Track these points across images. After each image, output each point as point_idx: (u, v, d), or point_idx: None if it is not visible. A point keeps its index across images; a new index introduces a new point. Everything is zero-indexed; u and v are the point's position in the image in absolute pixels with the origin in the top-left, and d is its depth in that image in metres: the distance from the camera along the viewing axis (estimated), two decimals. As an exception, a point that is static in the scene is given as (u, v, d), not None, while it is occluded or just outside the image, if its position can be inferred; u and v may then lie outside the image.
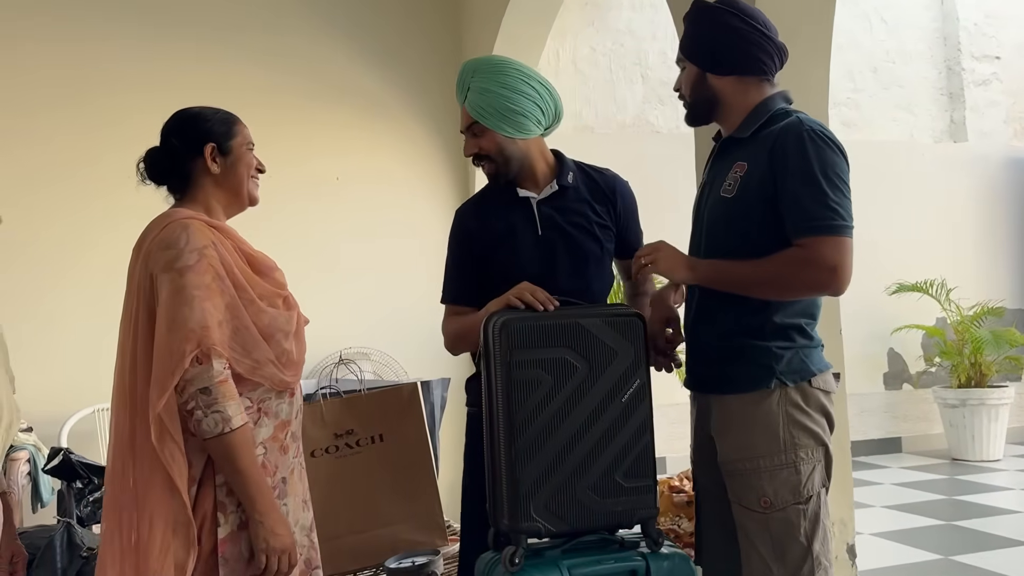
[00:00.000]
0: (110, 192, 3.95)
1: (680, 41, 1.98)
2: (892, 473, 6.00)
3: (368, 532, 2.91)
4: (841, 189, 1.76)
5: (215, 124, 1.84)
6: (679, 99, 2.00)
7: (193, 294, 1.64)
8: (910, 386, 6.99)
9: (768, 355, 1.81)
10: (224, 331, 1.67)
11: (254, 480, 1.66)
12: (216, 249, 1.71)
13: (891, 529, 4.52)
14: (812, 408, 1.82)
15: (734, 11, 1.88)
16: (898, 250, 6.68)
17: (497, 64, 2.09)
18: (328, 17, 4.74)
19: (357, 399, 3.01)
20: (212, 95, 1.96)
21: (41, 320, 4.12)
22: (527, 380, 1.74)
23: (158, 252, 1.69)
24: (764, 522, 1.79)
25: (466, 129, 2.11)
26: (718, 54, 1.88)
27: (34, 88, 4.22)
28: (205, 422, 1.62)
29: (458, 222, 2.17)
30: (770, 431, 1.80)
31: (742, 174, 1.84)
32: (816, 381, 1.83)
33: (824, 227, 1.73)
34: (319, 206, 4.56)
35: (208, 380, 1.62)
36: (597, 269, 2.12)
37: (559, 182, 2.12)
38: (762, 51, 1.87)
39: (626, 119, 6.25)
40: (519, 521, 1.72)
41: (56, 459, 3.16)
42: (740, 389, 1.84)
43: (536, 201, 2.10)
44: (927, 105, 7.31)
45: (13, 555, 1.95)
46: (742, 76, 1.88)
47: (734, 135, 1.92)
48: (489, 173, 2.12)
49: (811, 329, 1.87)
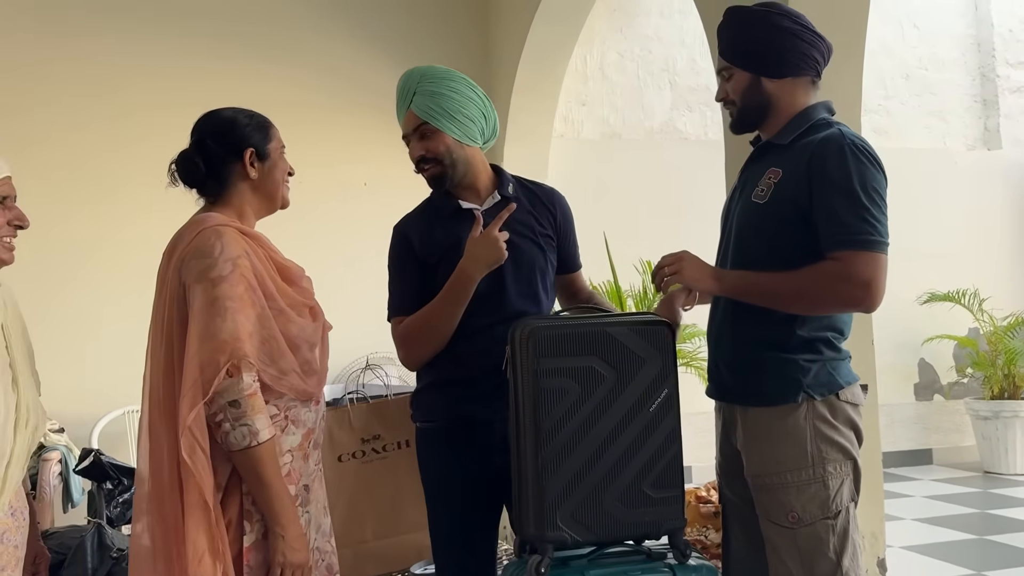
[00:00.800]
0: (143, 195, 3.99)
1: (722, 49, 1.94)
2: (923, 485, 5.91)
3: (394, 537, 2.91)
4: (879, 205, 1.73)
5: (252, 129, 1.83)
6: (724, 107, 1.97)
7: (227, 305, 1.64)
8: (941, 397, 6.89)
9: (795, 368, 1.79)
10: (255, 342, 1.67)
11: (278, 494, 1.66)
12: (249, 259, 1.70)
13: (922, 543, 4.45)
14: (840, 421, 1.80)
15: (782, 12, 1.86)
16: (930, 259, 6.58)
17: (446, 70, 2.10)
18: (357, 24, 4.78)
19: (384, 404, 3.01)
20: (241, 102, 1.97)
21: (73, 322, 4.18)
22: (554, 388, 1.74)
23: (192, 260, 1.69)
24: (792, 537, 1.77)
25: (412, 131, 2.07)
26: (774, 56, 1.85)
27: (67, 97, 4.30)
28: (233, 435, 1.62)
29: (400, 235, 2.12)
30: (798, 445, 1.77)
31: (776, 180, 1.82)
32: (844, 394, 1.81)
33: (860, 241, 1.71)
34: (346, 211, 4.58)
35: (237, 393, 1.62)
36: (543, 281, 2.12)
37: (501, 192, 2.12)
38: (815, 49, 1.86)
39: (654, 125, 6.22)
40: (545, 530, 1.72)
41: (87, 460, 3.20)
42: (767, 402, 1.81)
43: (480, 212, 2.07)
44: (960, 112, 7.20)
45: (36, 556, 1.96)
46: (796, 78, 1.86)
47: (773, 140, 1.89)
48: (434, 176, 2.08)
49: (839, 342, 1.84)
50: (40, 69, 4.29)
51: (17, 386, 1.81)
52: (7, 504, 1.75)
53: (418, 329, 2.03)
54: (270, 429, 1.66)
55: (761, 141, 1.96)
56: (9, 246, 1.79)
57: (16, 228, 1.80)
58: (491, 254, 1.94)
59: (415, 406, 2.13)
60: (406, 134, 2.10)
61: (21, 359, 1.85)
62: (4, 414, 1.75)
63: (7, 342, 1.82)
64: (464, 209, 2.09)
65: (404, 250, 2.09)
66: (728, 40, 1.92)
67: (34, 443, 1.87)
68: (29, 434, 1.82)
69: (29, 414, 1.82)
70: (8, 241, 1.79)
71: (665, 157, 6.02)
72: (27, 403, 1.82)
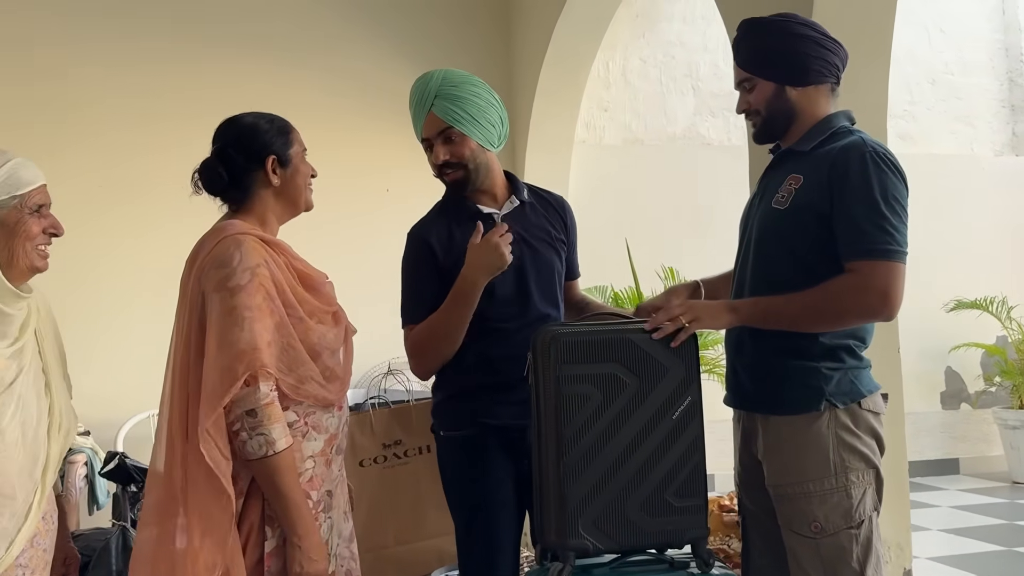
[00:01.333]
0: (169, 199, 4.03)
1: (742, 61, 1.93)
2: (950, 495, 5.83)
3: (414, 543, 2.91)
4: (899, 214, 1.73)
5: (274, 135, 1.83)
6: (747, 118, 1.96)
7: (244, 315, 1.64)
8: (968, 406, 6.80)
9: (818, 376, 1.78)
10: (272, 351, 1.67)
11: (295, 503, 1.66)
12: (268, 267, 1.70)
13: (949, 554, 4.39)
14: (862, 430, 1.79)
15: (801, 21, 1.88)
16: (957, 266, 6.50)
17: (465, 74, 2.10)
18: (379, 30, 4.80)
19: (405, 409, 3.02)
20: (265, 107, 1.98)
21: (99, 326, 4.23)
22: (576, 395, 1.73)
23: (211, 270, 1.69)
24: (815, 547, 1.75)
25: (436, 135, 2.05)
26: (798, 65, 1.86)
27: (102, 109, 4.35)
28: (250, 444, 1.63)
29: (419, 240, 2.09)
30: (820, 454, 1.76)
31: (797, 187, 1.82)
32: (866, 403, 1.80)
33: (879, 251, 1.71)
34: (369, 217, 4.60)
35: (254, 402, 1.63)
36: (559, 285, 2.14)
37: (518, 198, 2.12)
38: (835, 56, 1.87)
39: (676, 131, 6.20)
40: (567, 538, 1.71)
41: (112, 463, 3.23)
42: (789, 411, 1.80)
43: (500, 217, 2.08)
44: (988, 118, 7.12)
45: (66, 557, 1.98)
46: (818, 85, 1.87)
47: (793, 147, 1.89)
48: (456, 180, 2.07)
49: (860, 350, 1.83)
50: (88, 97, 4.35)
51: (50, 391, 1.83)
52: (43, 508, 1.77)
53: (427, 338, 2.03)
54: (287, 439, 1.66)
55: (781, 149, 1.95)
56: (44, 254, 1.81)
57: (51, 236, 1.82)
58: (494, 260, 1.94)
59: (439, 415, 2.13)
60: (427, 138, 2.09)
61: (54, 364, 1.87)
62: (38, 419, 1.77)
63: (40, 347, 1.84)
64: (484, 214, 2.08)
65: (424, 256, 2.07)
66: (748, 51, 1.92)
67: (66, 447, 1.89)
68: (62, 439, 1.84)
69: (62, 418, 1.85)
70: (43, 249, 1.81)
71: (687, 163, 6.00)
72: (60, 407, 1.84)
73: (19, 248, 1.75)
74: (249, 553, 1.67)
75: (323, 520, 1.76)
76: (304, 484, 1.72)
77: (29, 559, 1.75)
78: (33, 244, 1.77)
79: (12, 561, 1.69)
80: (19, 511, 1.71)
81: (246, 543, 1.67)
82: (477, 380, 2.02)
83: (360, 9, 4.82)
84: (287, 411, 1.71)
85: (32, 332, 1.81)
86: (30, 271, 1.79)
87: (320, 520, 1.75)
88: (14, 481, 1.69)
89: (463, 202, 2.11)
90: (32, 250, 1.77)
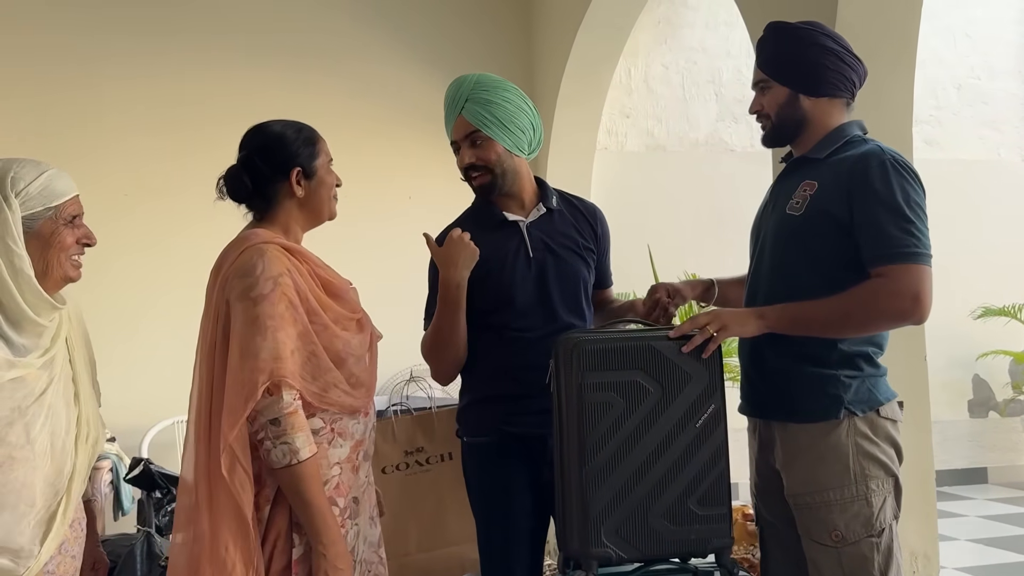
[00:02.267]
0: (195, 206, 4.07)
1: (762, 62, 1.94)
2: (978, 505, 5.75)
3: (436, 551, 2.92)
4: (922, 219, 1.74)
5: (300, 146, 1.82)
6: (758, 120, 1.97)
7: (267, 324, 1.64)
8: (997, 414, 6.70)
9: (836, 384, 1.78)
10: (296, 360, 1.67)
11: (320, 512, 1.66)
12: (291, 276, 1.71)
13: (977, 564, 4.33)
14: (881, 438, 1.79)
15: (827, 33, 1.88)
16: (983, 273, 6.42)
17: (499, 79, 2.10)
18: (401, 36, 4.82)
19: (427, 417, 3.03)
20: (290, 113, 2.00)
21: (125, 332, 4.27)
22: (599, 403, 1.72)
23: (234, 279, 1.70)
24: (836, 556, 1.74)
25: (463, 138, 2.06)
26: (815, 75, 1.86)
27: (127, 116, 4.41)
28: (274, 453, 1.64)
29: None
30: (840, 463, 1.76)
31: (812, 193, 1.82)
32: (884, 410, 1.80)
33: (906, 254, 1.71)
34: (392, 225, 4.62)
35: (278, 411, 1.63)
36: (586, 294, 2.13)
37: (545, 205, 2.12)
38: (854, 72, 1.88)
39: (699, 137, 6.18)
40: (589, 546, 1.70)
41: (137, 469, 3.26)
42: (808, 419, 1.79)
43: (526, 224, 2.09)
44: (1015, 122, 7.03)
45: (95, 562, 1.99)
46: (832, 98, 1.88)
47: (807, 155, 1.89)
48: (483, 185, 2.08)
49: (878, 357, 1.83)
50: (112, 104, 4.41)
51: (79, 400, 1.85)
52: (71, 517, 1.79)
53: (429, 345, 2.08)
54: (311, 447, 1.66)
55: (792, 157, 1.96)
56: (77, 264, 1.83)
57: (84, 246, 1.84)
58: (460, 252, 1.96)
59: (462, 421, 2.13)
60: (456, 140, 2.10)
61: (83, 372, 1.89)
62: (66, 428, 1.79)
63: (71, 356, 1.86)
64: (510, 221, 2.09)
65: None
66: (770, 54, 1.93)
67: (94, 456, 1.90)
68: (90, 448, 1.86)
69: (90, 428, 1.86)
70: (77, 259, 1.83)
71: (710, 169, 5.97)
72: (87, 417, 1.86)
73: (53, 259, 1.77)
74: (276, 560, 1.68)
75: (350, 527, 1.76)
76: (331, 491, 1.73)
77: (57, 566, 1.76)
78: (67, 255, 1.79)
79: (40, 568, 1.71)
80: (42, 519, 1.72)
81: (273, 550, 1.68)
82: (499, 388, 2.03)
83: (383, 17, 4.85)
84: (313, 418, 1.71)
85: (63, 341, 1.83)
86: (64, 281, 1.82)
87: (347, 527, 1.75)
88: (37, 490, 1.71)
89: (490, 209, 2.11)
90: (66, 260, 1.79)
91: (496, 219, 2.09)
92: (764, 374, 1.89)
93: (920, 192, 1.76)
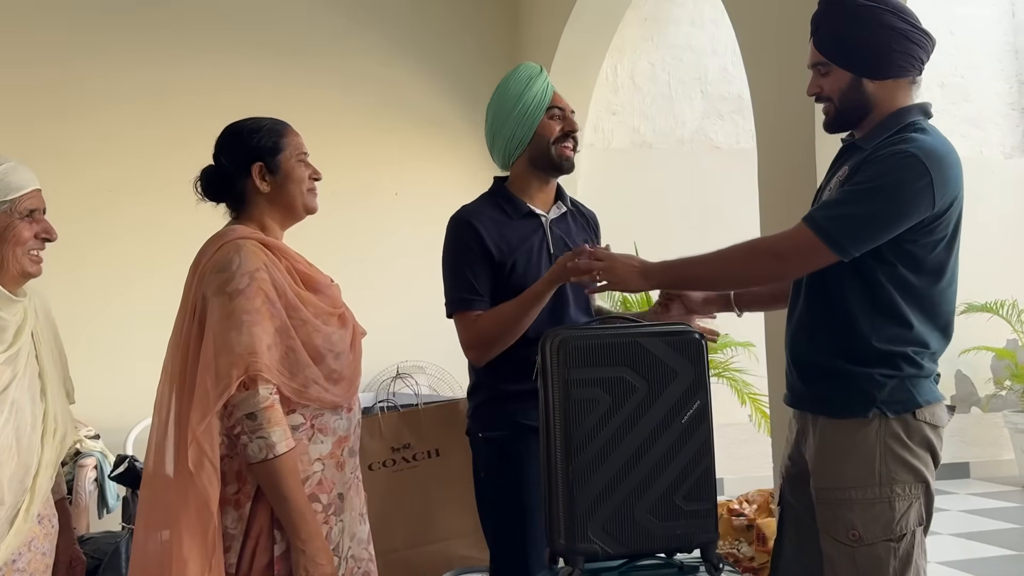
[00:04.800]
0: (179, 204, 4.05)
1: (821, 43, 1.79)
2: (960, 500, 5.80)
3: (423, 547, 2.91)
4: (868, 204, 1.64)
5: (262, 139, 1.81)
6: (818, 101, 1.85)
7: (243, 318, 1.64)
8: (979, 410, 6.77)
9: (868, 381, 1.73)
10: (273, 355, 1.66)
11: (297, 507, 1.65)
12: (268, 271, 1.70)
13: (960, 558, 4.36)
14: (915, 442, 1.72)
15: (892, 10, 1.71)
16: (966, 269, 6.44)
17: None
18: (388, 33, 4.81)
19: (414, 413, 3.02)
20: (279, 112, 1.99)
21: (109, 330, 4.24)
22: (585, 399, 1.72)
23: (211, 274, 1.70)
24: (851, 555, 1.71)
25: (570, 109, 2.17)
26: (880, 58, 1.72)
27: (111, 113, 4.37)
28: (250, 447, 1.63)
29: (469, 226, 2.08)
30: (866, 462, 1.71)
31: (843, 179, 1.76)
32: (922, 413, 1.72)
33: (810, 216, 1.69)
34: (378, 221, 4.61)
35: (254, 406, 1.63)
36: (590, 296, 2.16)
37: (564, 204, 2.18)
38: (922, 50, 1.75)
39: (684, 135, 6.20)
40: (576, 541, 1.70)
41: (122, 466, 3.24)
42: (835, 413, 1.77)
43: (548, 220, 2.13)
44: (997, 120, 7.09)
45: (72, 560, 1.98)
46: (899, 79, 1.75)
47: (856, 142, 1.80)
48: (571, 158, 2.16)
49: (922, 358, 1.74)
50: (95, 98, 4.37)
51: (46, 396, 1.83)
52: (36, 513, 1.78)
53: (497, 330, 2.02)
54: (288, 442, 1.65)
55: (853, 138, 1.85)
56: (36, 259, 1.81)
57: (44, 241, 1.83)
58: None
59: (477, 417, 2.15)
60: (562, 108, 2.14)
61: (51, 368, 1.87)
62: (32, 424, 1.77)
63: (37, 351, 1.84)
64: (536, 214, 2.13)
65: (475, 242, 2.06)
66: (830, 34, 1.77)
67: (62, 453, 1.89)
68: (57, 444, 1.84)
69: (57, 424, 1.84)
70: (35, 254, 1.81)
71: (696, 166, 6.00)
72: (55, 413, 1.84)
73: (9, 253, 1.76)
74: (259, 557, 1.67)
75: (334, 523, 1.76)
76: (314, 487, 1.72)
77: (27, 563, 1.75)
78: (24, 249, 1.77)
79: (8, 564, 1.70)
80: (7, 516, 1.71)
81: (255, 546, 1.67)
82: (515, 384, 2.04)
83: (369, 12, 4.84)
84: (293, 414, 1.71)
85: (28, 336, 1.81)
86: (22, 276, 1.80)
87: (332, 523, 1.75)
88: (4, 486, 1.69)
89: (514, 199, 2.14)
90: (23, 255, 1.77)
91: (522, 210, 2.12)
92: (800, 365, 1.85)
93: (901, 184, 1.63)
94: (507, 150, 2.14)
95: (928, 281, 1.75)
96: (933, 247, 1.73)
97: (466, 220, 2.10)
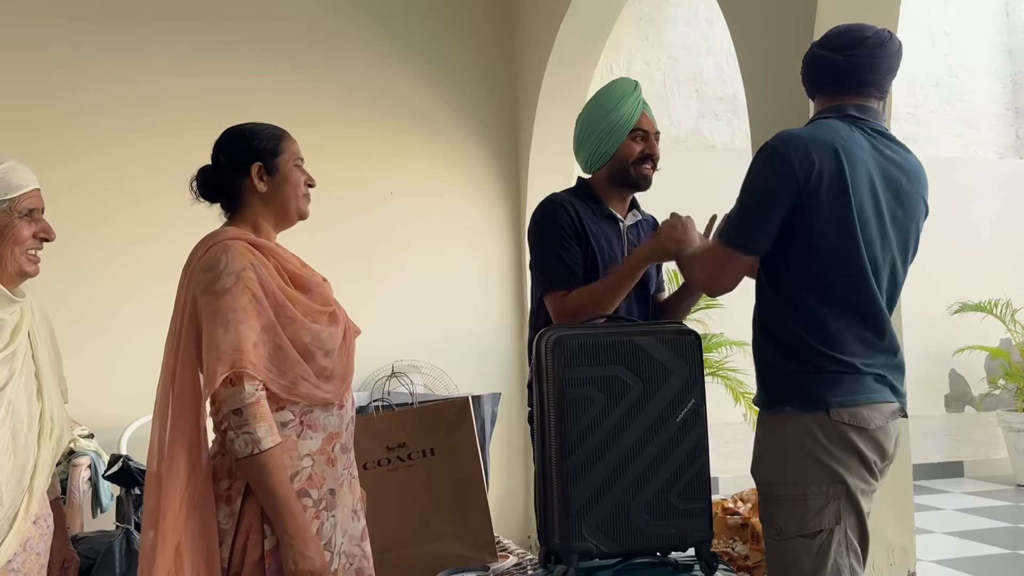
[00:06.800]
0: (175, 205, 4.04)
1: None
2: (954, 498, 5.82)
3: (418, 546, 2.91)
4: (748, 201, 1.77)
5: (262, 141, 1.84)
6: None
7: (229, 316, 1.67)
8: (973, 409, 6.79)
9: (784, 378, 1.74)
10: (260, 352, 1.68)
11: (284, 501, 1.67)
12: (255, 271, 1.72)
13: (953, 557, 4.38)
14: (833, 442, 1.68)
15: (816, 44, 1.91)
16: (960, 268, 6.50)
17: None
18: (383, 33, 4.81)
19: (409, 412, 3.02)
20: (273, 112, 1.99)
21: (104, 329, 4.23)
22: (580, 398, 1.73)
23: (199, 275, 1.73)
24: (775, 550, 1.74)
25: (655, 133, 2.30)
26: (805, 82, 1.94)
27: (105, 113, 4.36)
28: (237, 443, 1.65)
29: (567, 209, 2.16)
30: (784, 459, 1.72)
31: None
32: (839, 413, 1.68)
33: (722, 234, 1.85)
34: (373, 221, 4.61)
35: (239, 402, 1.65)
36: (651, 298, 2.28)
37: (639, 212, 2.34)
38: (818, 66, 1.89)
39: (680, 134, 6.21)
40: (570, 540, 1.71)
41: (116, 466, 3.23)
42: (763, 410, 1.80)
43: (625, 225, 2.27)
44: (991, 120, 7.12)
45: (65, 560, 1.98)
46: (820, 95, 1.90)
47: None
48: (650, 178, 2.32)
49: (847, 356, 1.71)
50: (90, 99, 4.36)
51: (42, 396, 1.83)
52: (34, 513, 1.77)
53: (596, 298, 2.07)
54: (274, 438, 1.67)
55: None
56: (34, 258, 1.81)
57: (42, 241, 1.82)
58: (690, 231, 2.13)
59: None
60: (647, 131, 2.25)
61: (47, 368, 1.87)
62: (28, 424, 1.77)
63: (33, 351, 1.84)
64: (616, 218, 2.25)
65: (573, 223, 2.15)
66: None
67: (58, 452, 1.89)
68: (53, 444, 1.84)
69: (53, 424, 1.84)
70: (33, 254, 1.81)
71: (691, 165, 6.01)
72: (51, 413, 1.84)
73: (7, 252, 1.76)
74: (249, 552, 1.68)
75: (326, 518, 1.76)
76: (303, 482, 1.74)
77: (22, 563, 1.75)
78: (23, 248, 1.77)
79: (4, 565, 1.70)
80: (6, 516, 1.71)
81: (246, 542, 1.68)
82: None
83: (363, 12, 4.83)
84: (283, 411, 1.73)
85: (25, 336, 1.81)
86: (20, 276, 1.79)
87: (323, 519, 1.76)
88: (2, 487, 1.69)
89: (598, 200, 2.24)
90: (21, 255, 1.77)
91: (604, 211, 2.23)
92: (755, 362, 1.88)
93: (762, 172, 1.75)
94: (590, 160, 2.27)
95: (824, 267, 1.72)
96: (821, 230, 1.71)
97: (564, 204, 2.18)
